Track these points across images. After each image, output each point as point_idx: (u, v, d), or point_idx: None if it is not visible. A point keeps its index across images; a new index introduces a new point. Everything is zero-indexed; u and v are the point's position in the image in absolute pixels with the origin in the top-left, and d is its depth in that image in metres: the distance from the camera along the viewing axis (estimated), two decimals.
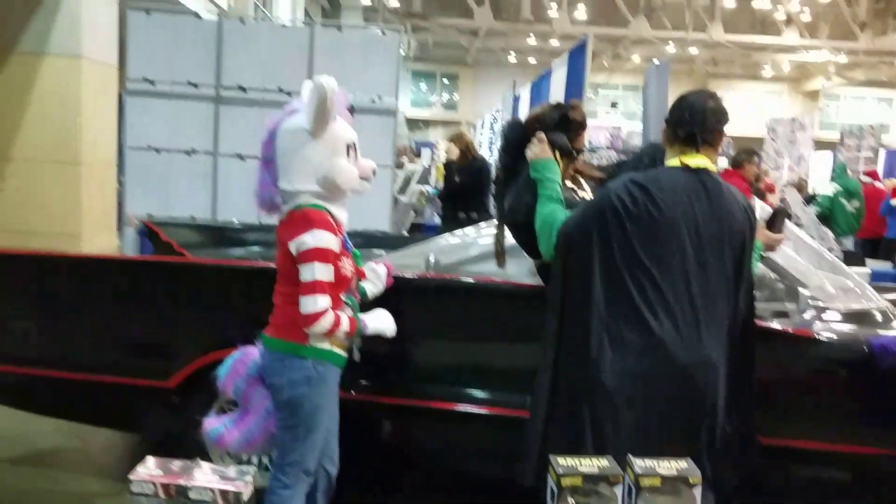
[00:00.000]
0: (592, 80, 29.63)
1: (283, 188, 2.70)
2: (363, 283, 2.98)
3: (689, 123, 2.72)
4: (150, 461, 1.73)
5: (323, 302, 2.60)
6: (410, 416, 3.41)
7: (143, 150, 6.63)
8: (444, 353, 3.43)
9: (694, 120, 2.71)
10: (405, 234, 7.64)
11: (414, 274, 3.50)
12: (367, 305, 2.93)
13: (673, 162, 2.74)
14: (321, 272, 2.60)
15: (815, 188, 14.32)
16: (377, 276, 3.08)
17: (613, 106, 29.46)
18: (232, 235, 5.25)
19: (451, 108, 33.87)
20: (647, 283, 2.58)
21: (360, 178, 2.76)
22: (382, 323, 2.89)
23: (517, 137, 3.09)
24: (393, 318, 2.93)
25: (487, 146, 13.98)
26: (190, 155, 6.68)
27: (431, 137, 29.39)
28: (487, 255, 3.68)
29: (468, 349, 3.44)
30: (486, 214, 7.05)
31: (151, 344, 3.54)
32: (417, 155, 15.60)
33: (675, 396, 2.56)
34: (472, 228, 4.56)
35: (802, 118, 17.76)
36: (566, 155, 3.00)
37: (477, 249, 3.83)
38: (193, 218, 6.43)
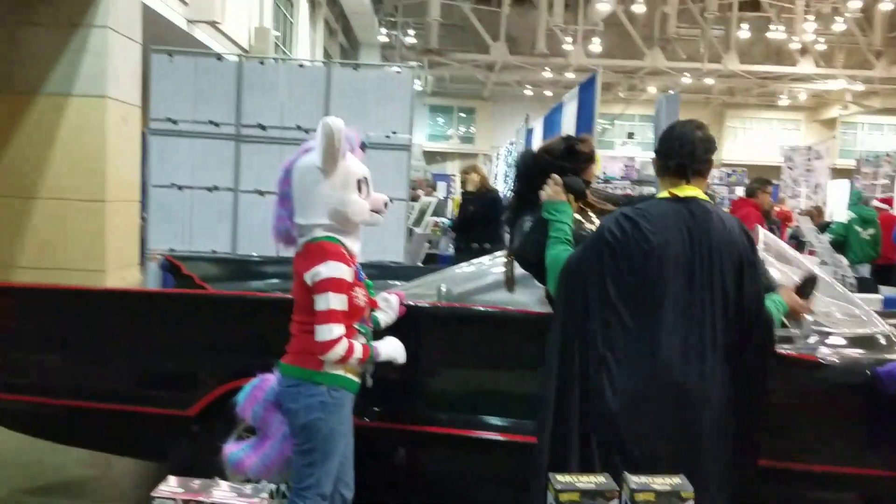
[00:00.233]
0: (609, 111, 29.80)
1: (298, 223, 2.84)
2: (376, 312, 3.10)
3: (678, 155, 2.79)
4: (171, 480, 1.84)
5: (337, 330, 2.71)
6: (421, 442, 3.48)
7: (166, 187, 6.79)
8: (454, 380, 3.51)
9: (684, 151, 2.78)
10: (420, 264, 7.72)
11: (426, 303, 3.60)
12: (379, 334, 3.04)
13: (662, 194, 2.81)
14: (335, 302, 2.71)
15: (832, 215, 14.28)
16: (389, 305, 3.20)
17: (630, 136, 29.55)
18: (251, 269, 5.35)
19: (468, 140, 33.99)
20: (640, 312, 2.64)
21: (372, 210, 2.89)
22: (394, 350, 3.00)
23: (527, 166, 3.36)
24: (404, 345, 3.03)
25: (503, 178, 14.10)
26: (211, 191, 6.82)
27: (449, 170, 29.57)
28: (497, 284, 3.78)
29: (478, 376, 3.52)
30: (499, 245, 7.14)
31: (172, 374, 3.62)
32: (434, 188, 15.76)
33: (674, 419, 2.62)
34: (483, 259, 4.64)
35: (819, 146, 17.78)
36: (580, 198, 3.12)
37: (487, 279, 3.91)
38: (214, 252, 6.58)
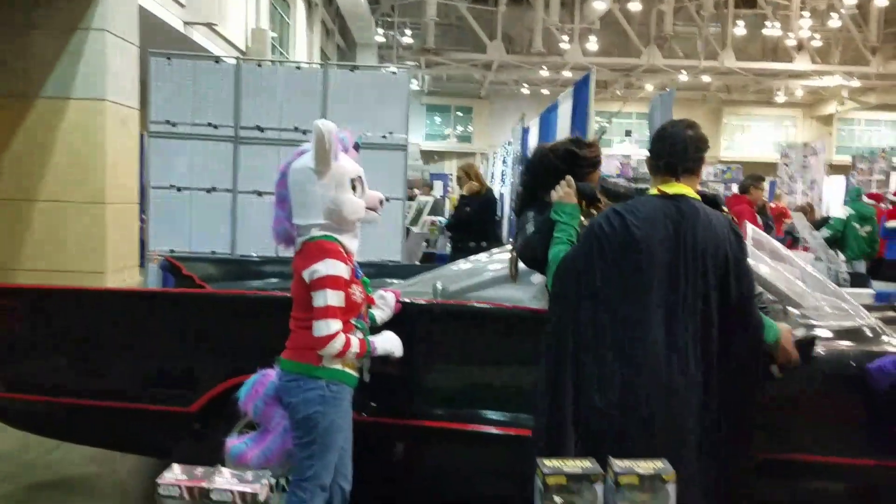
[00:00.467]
0: (606, 109, 29.83)
1: (296, 223, 2.92)
2: (373, 309, 3.18)
3: (669, 154, 2.86)
4: (175, 468, 1.91)
5: (334, 325, 2.78)
6: (418, 436, 3.56)
7: (165, 189, 6.85)
8: (450, 374, 3.60)
9: (674, 150, 2.85)
10: (417, 263, 7.80)
11: (421, 300, 3.68)
12: (376, 330, 3.12)
13: (652, 191, 2.88)
14: (333, 298, 2.79)
15: (829, 211, 14.35)
16: (385, 302, 3.29)
17: (628, 134, 29.60)
18: (250, 268, 5.42)
19: (465, 139, 34.02)
20: (627, 304, 2.71)
21: (367, 208, 2.96)
22: (390, 344, 3.08)
23: (534, 163, 3.56)
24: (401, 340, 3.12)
25: (500, 177, 14.14)
26: (210, 193, 6.87)
27: (446, 169, 29.62)
28: (492, 281, 3.87)
29: (473, 371, 3.62)
30: (494, 243, 7.23)
31: (174, 372, 3.69)
32: (431, 188, 15.81)
33: (662, 412, 2.68)
34: (479, 256, 4.73)
35: (815, 143, 17.87)
36: (591, 204, 3.19)
37: (482, 276, 3.99)
38: (214, 252, 6.64)
